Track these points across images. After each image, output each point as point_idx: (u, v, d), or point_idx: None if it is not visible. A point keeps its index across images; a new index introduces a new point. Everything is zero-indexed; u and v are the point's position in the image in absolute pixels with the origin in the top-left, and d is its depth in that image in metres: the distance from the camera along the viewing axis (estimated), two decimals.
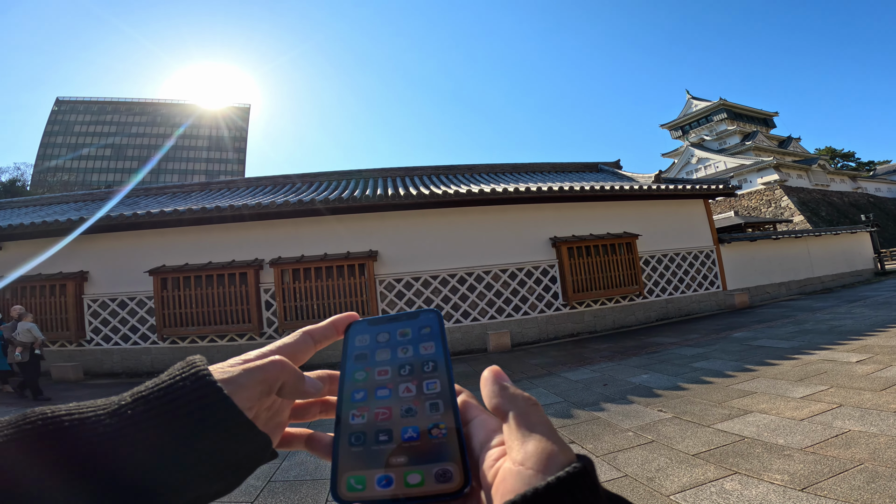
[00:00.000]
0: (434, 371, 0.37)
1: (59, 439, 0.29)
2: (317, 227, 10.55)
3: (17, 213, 12.71)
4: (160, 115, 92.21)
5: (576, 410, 5.12)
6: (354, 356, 0.40)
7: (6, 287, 10.10)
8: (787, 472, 3.06)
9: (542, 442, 0.29)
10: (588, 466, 0.27)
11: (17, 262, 10.42)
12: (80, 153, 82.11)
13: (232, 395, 0.33)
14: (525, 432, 0.30)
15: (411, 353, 0.39)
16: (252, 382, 0.35)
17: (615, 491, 1.30)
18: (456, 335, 10.56)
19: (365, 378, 0.38)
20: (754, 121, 51.39)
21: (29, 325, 7.86)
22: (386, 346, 0.40)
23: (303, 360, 0.41)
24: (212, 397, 0.32)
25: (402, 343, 0.40)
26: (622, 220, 12.21)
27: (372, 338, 0.41)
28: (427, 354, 0.39)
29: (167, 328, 9.88)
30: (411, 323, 0.41)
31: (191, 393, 0.32)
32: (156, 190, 14.57)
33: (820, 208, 35.10)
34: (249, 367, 0.36)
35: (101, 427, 0.29)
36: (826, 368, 5.56)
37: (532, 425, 0.30)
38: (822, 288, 15.56)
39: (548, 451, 0.28)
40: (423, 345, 0.39)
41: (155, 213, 9.82)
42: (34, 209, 13.40)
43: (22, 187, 48.41)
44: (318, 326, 0.43)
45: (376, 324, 0.42)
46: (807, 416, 4.05)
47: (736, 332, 9.05)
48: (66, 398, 7.92)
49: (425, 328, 0.41)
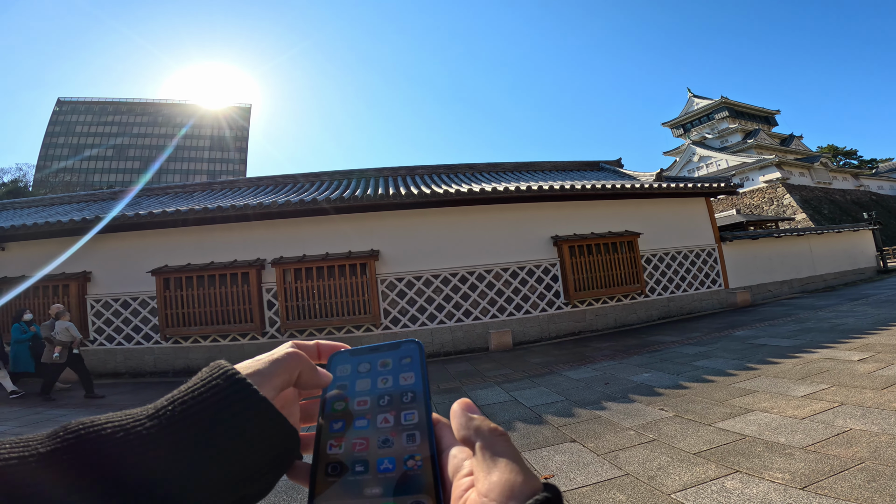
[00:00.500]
0: (412, 402, 0.38)
1: (103, 446, 0.29)
2: (318, 226, 10.57)
3: (19, 214, 12.76)
4: (161, 116, 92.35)
5: (577, 409, 5.13)
6: (335, 386, 0.41)
7: (9, 287, 10.15)
8: (788, 470, 3.06)
9: (507, 472, 0.29)
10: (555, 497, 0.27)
11: (19, 262, 10.48)
12: (82, 154, 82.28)
13: (259, 385, 0.35)
14: (490, 463, 0.30)
15: (391, 384, 0.39)
16: (277, 370, 0.37)
17: (616, 490, 1.32)
18: (458, 334, 10.58)
19: (344, 408, 0.39)
20: (756, 119, 51.24)
21: (67, 323, 7.83)
22: (366, 376, 0.41)
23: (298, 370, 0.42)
24: (242, 391, 0.33)
25: (383, 374, 0.40)
26: (623, 218, 12.21)
27: (353, 368, 0.42)
28: (406, 385, 0.39)
29: (170, 328, 9.91)
30: (392, 353, 0.42)
31: (224, 389, 0.33)
32: (158, 190, 14.60)
33: (822, 206, 35.01)
34: (273, 358, 0.38)
35: (143, 431, 0.30)
36: (828, 367, 5.56)
37: (497, 456, 0.30)
38: (825, 286, 15.53)
39: (511, 481, 0.28)
40: (403, 375, 0.40)
41: (157, 213, 9.85)
42: (36, 210, 13.44)
43: (24, 188, 48.57)
44: (305, 343, 0.44)
45: (358, 354, 0.43)
46: (808, 414, 4.06)
47: (737, 330, 9.05)
48: (73, 397, 7.96)
49: (406, 359, 0.41)
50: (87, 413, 6.50)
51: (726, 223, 22.23)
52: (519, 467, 0.30)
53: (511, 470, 0.29)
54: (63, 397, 8.03)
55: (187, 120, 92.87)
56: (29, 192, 47.76)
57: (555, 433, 4.41)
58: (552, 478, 3.41)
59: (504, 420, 5.01)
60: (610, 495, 3.05)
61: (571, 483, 3.29)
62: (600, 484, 3.23)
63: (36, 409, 7.00)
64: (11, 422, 6.28)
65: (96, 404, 7.47)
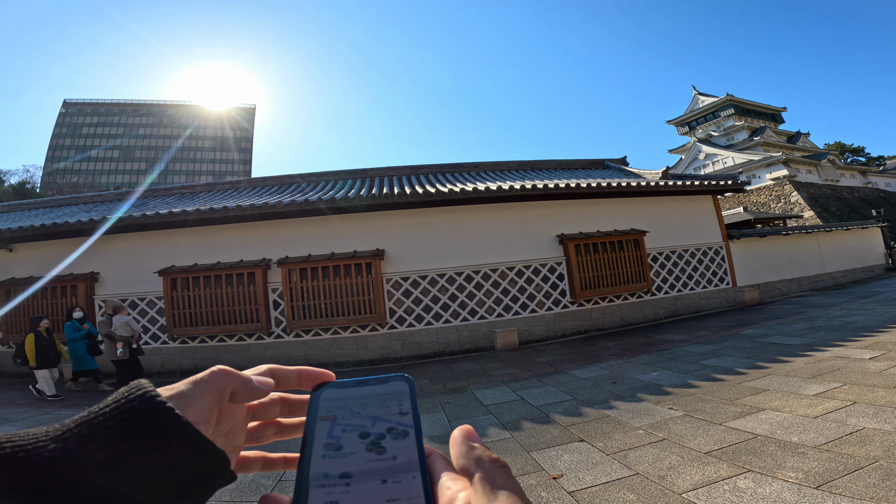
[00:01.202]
0: (404, 439, 0.36)
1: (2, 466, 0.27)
2: (323, 226, 10.58)
3: (27, 216, 12.85)
4: (166, 117, 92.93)
5: (585, 408, 5.10)
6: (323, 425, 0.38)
7: (19, 288, 10.23)
8: (802, 469, 3.03)
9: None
10: None
11: (27, 263, 10.56)
12: (89, 155, 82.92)
13: (182, 409, 0.32)
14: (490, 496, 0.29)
15: (382, 424, 0.37)
16: (201, 393, 0.34)
17: (626, 489, 1.29)
18: (463, 333, 10.56)
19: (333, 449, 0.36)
20: (762, 116, 50.89)
21: (126, 318, 7.73)
22: (356, 413, 0.38)
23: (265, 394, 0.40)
24: (160, 415, 0.31)
25: (372, 412, 0.38)
26: (629, 216, 12.15)
27: (340, 404, 0.39)
28: (397, 422, 0.37)
29: (177, 328, 9.96)
30: (381, 388, 0.40)
31: (138, 413, 0.31)
32: (163, 191, 14.67)
33: (830, 203, 34.71)
34: (196, 379, 0.35)
35: (45, 453, 0.28)
36: (839, 365, 5.51)
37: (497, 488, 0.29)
38: (833, 284, 15.40)
39: None
40: (393, 411, 0.38)
41: (164, 213, 9.88)
42: (44, 211, 13.53)
43: (31, 189, 48.89)
44: (284, 368, 0.42)
45: (344, 387, 0.41)
46: (820, 413, 4.01)
47: (746, 328, 8.98)
48: (82, 396, 8.01)
49: (396, 395, 0.39)
50: None
51: (733, 221, 22.09)
52: (521, 500, 0.29)
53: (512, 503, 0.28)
54: (74, 396, 8.08)
55: (192, 121, 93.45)
56: (36, 193, 48.11)
57: (563, 433, 4.38)
58: (561, 477, 3.39)
59: (511, 419, 4.99)
60: (620, 495, 3.02)
61: (581, 483, 3.26)
62: (610, 483, 3.20)
63: (45, 410, 7.04)
64: (21, 422, 6.32)
65: None
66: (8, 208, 14.28)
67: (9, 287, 10.31)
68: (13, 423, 6.29)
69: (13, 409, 7.14)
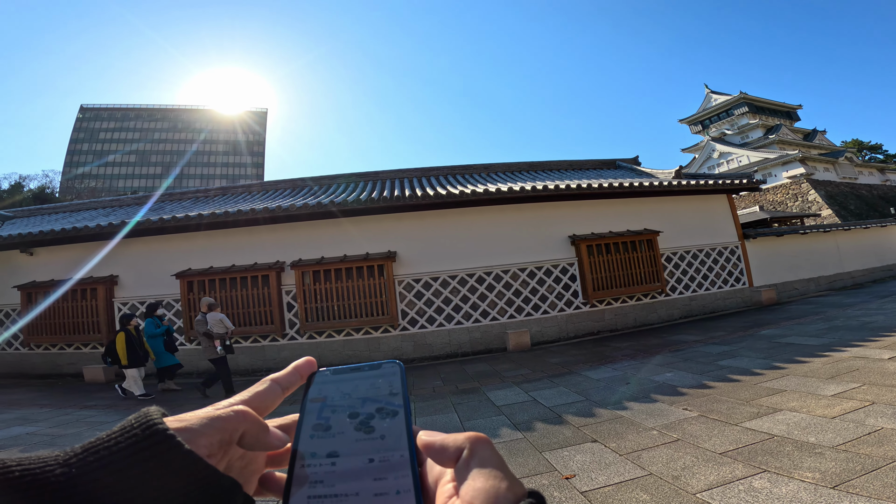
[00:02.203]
0: (392, 419, 0.37)
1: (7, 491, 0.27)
2: (336, 228, 10.67)
3: (47, 220, 13.16)
4: (181, 121, 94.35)
5: (598, 409, 5.08)
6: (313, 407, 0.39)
7: (40, 291, 10.48)
8: (819, 469, 2.99)
9: (491, 479, 0.29)
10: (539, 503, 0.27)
11: (47, 267, 10.82)
12: (106, 160, 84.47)
13: (189, 442, 0.32)
14: (474, 470, 0.30)
15: (371, 405, 0.38)
16: (209, 431, 0.34)
17: (640, 489, 1.31)
18: (475, 335, 10.57)
19: (322, 430, 0.37)
20: (777, 114, 50.03)
21: (220, 315, 7.68)
22: (346, 396, 0.40)
23: (272, 407, 0.41)
24: (162, 443, 0.31)
25: (363, 394, 0.40)
26: (642, 216, 12.06)
27: (333, 388, 0.41)
28: (386, 402, 0.38)
29: (194, 330, 10.10)
30: (373, 373, 0.41)
31: (142, 441, 0.31)
32: (179, 195, 14.90)
33: (848, 202, 34.03)
34: (207, 416, 0.35)
35: (52, 478, 0.28)
36: (858, 366, 5.41)
37: (482, 462, 0.30)
38: (853, 283, 15.12)
39: (496, 488, 0.28)
40: (383, 393, 0.39)
41: (180, 217, 10.05)
42: (63, 216, 13.84)
43: (51, 194, 49.97)
44: (283, 373, 0.42)
45: (338, 373, 0.42)
46: (838, 413, 3.95)
47: (763, 329, 8.86)
48: (106, 398, 8.17)
49: (387, 378, 0.41)
50: (114, 414, 6.65)
51: (749, 220, 21.78)
52: (503, 473, 0.30)
53: (495, 476, 0.29)
54: (94, 398, 8.23)
55: (206, 125, 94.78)
56: (55, 198, 49.17)
57: (575, 433, 4.37)
58: (573, 477, 3.39)
59: (523, 420, 4.99)
60: (633, 495, 3.01)
61: (593, 483, 3.26)
62: (623, 484, 3.19)
63: (66, 411, 7.19)
64: (42, 423, 6.46)
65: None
66: (28, 213, 14.64)
67: (30, 290, 10.57)
68: (35, 423, 6.44)
69: (35, 410, 7.31)
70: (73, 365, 10.50)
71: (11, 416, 6.88)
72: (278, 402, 0.41)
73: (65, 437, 5.61)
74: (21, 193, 45.71)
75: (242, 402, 0.38)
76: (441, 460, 0.33)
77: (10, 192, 46.53)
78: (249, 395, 0.39)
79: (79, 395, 8.53)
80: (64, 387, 9.49)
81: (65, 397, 8.33)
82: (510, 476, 0.29)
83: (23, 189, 48.70)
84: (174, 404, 7.38)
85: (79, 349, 10.65)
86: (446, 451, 0.33)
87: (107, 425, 6.14)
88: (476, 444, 0.32)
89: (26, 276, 10.87)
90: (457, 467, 0.32)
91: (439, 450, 0.34)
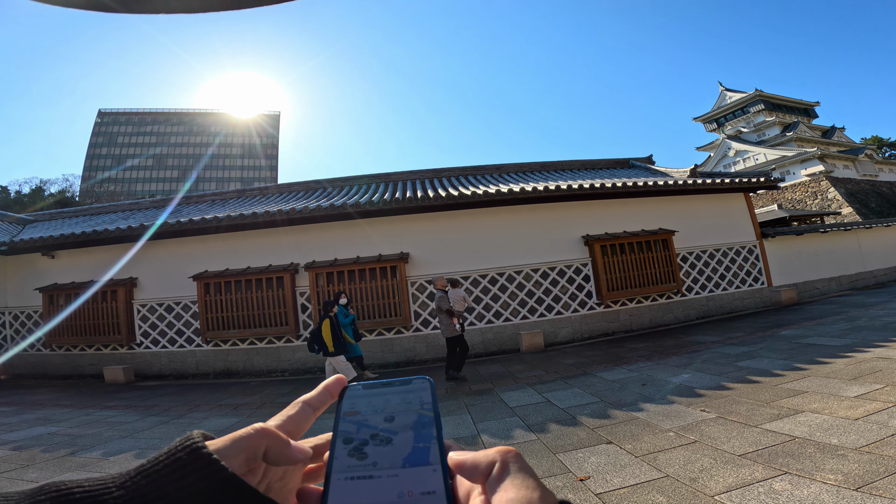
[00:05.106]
0: (424, 432, 0.38)
1: None
2: (349, 230, 10.74)
3: (67, 224, 13.46)
4: (196, 125, 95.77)
5: (613, 410, 5.03)
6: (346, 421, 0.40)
7: (61, 293, 10.72)
8: (841, 471, 2.92)
9: (523, 489, 0.29)
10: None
11: (68, 270, 11.07)
12: (125, 164, 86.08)
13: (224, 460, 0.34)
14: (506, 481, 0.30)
15: (403, 419, 0.39)
16: (235, 452, 0.35)
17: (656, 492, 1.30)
18: (488, 335, 10.54)
19: (355, 444, 0.38)
20: (794, 111, 49.09)
21: (462, 292, 7.56)
22: (378, 412, 0.40)
23: (306, 428, 0.42)
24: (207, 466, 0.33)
25: (394, 409, 0.40)
26: (657, 216, 11.92)
27: (365, 403, 0.41)
28: (418, 417, 0.39)
29: (210, 331, 10.26)
30: (404, 388, 0.42)
31: (187, 465, 0.33)
32: (196, 198, 15.14)
33: (869, 199, 33.24)
34: (236, 437, 0.37)
35: (110, 500, 0.31)
36: (881, 366, 5.28)
37: (513, 473, 0.30)
38: (875, 283, 14.76)
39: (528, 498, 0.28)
40: (414, 407, 0.40)
41: (197, 220, 10.21)
42: (84, 219, 14.15)
43: (71, 198, 51.12)
44: (314, 394, 0.44)
45: (369, 388, 0.43)
46: (861, 415, 3.86)
47: (783, 329, 8.69)
48: (125, 398, 8.33)
49: (417, 394, 0.42)
50: (133, 415, 6.76)
51: (767, 219, 21.40)
52: (535, 483, 0.30)
53: (527, 486, 0.29)
54: (117, 397, 8.38)
55: (221, 129, 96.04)
56: (76, 202, 50.25)
57: (590, 435, 4.34)
58: (588, 479, 3.36)
59: (537, 421, 4.96)
60: (649, 497, 2.98)
61: (608, 485, 3.23)
62: (639, 486, 3.16)
63: (87, 411, 7.34)
64: (63, 423, 6.58)
65: None
66: (49, 216, 15.00)
67: (52, 292, 10.83)
68: (56, 423, 6.58)
69: (56, 410, 7.47)
70: (93, 366, 10.73)
71: (33, 417, 7.03)
72: (311, 422, 0.42)
73: (85, 438, 5.72)
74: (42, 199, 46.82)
75: (278, 426, 0.40)
76: (473, 476, 0.34)
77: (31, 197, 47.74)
78: (282, 420, 0.41)
79: (100, 395, 8.71)
80: (85, 387, 9.69)
81: (86, 398, 8.51)
82: (542, 486, 0.30)
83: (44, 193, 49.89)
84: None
85: (99, 350, 10.88)
86: (478, 466, 0.33)
87: (127, 426, 6.26)
88: (507, 456, 0.33)
89: (48, 279, 11.14)
90: (488, 481, 0.32)
91: (471, 466, 0.34)
